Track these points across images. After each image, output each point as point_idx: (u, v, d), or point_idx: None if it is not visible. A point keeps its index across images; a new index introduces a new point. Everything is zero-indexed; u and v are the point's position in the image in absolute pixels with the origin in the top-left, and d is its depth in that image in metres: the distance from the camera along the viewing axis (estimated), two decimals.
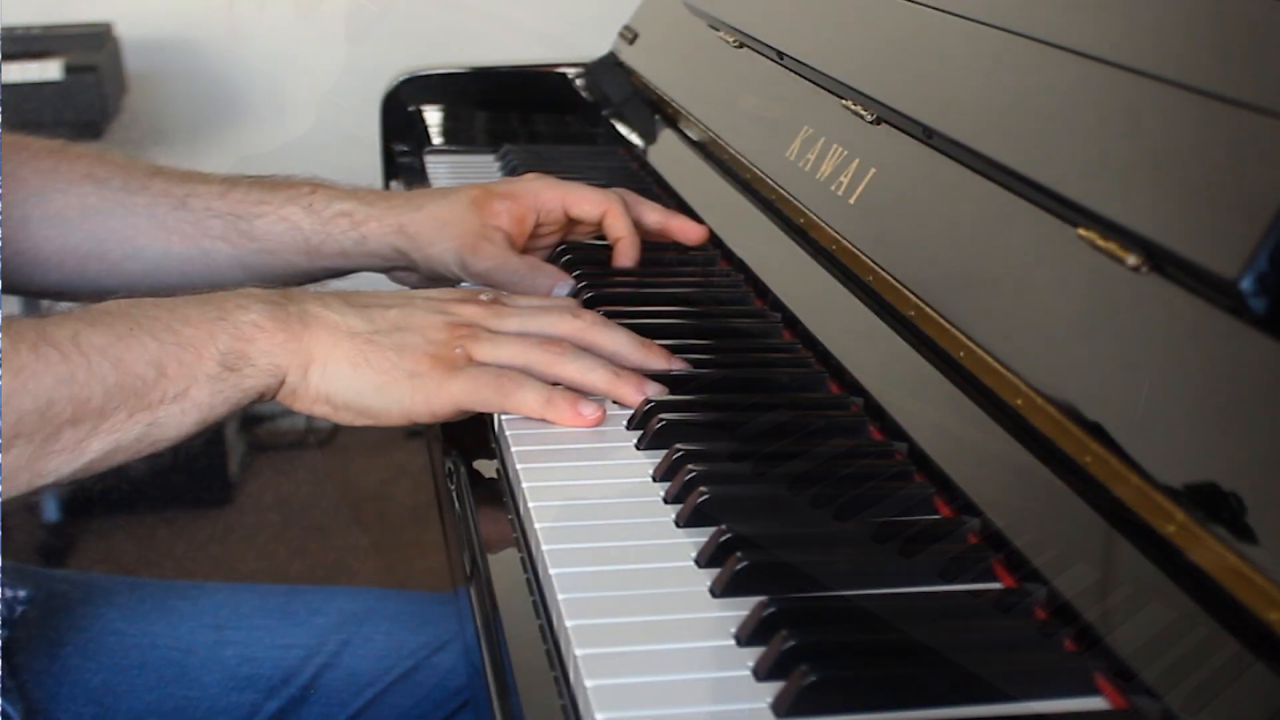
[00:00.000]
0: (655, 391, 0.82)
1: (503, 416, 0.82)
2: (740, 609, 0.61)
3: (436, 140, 1.54)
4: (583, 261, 1.06)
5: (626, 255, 1.04)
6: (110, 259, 1.03)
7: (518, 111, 1.57)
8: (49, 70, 2.27)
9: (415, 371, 0.79)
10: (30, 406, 0.72)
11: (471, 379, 0.79)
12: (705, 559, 0.66)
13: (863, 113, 0.95)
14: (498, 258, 0.99)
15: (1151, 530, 0.57)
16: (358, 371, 0.79)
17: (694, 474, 0.72)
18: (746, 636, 0.59)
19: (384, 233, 1.02)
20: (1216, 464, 0.56)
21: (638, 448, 0.78)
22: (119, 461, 0.77)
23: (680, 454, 0.74)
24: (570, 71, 1.57)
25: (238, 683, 1.00)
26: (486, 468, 0.81)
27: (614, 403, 0.83)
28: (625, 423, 0.81)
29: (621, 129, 1.48)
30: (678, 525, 0.70)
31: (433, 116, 1.54)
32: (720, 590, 0.63)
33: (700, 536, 0.68)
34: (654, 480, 0.75)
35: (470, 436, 0.85)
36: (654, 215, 1.06)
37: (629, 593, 0.64)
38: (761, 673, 0.57)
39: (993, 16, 0.85)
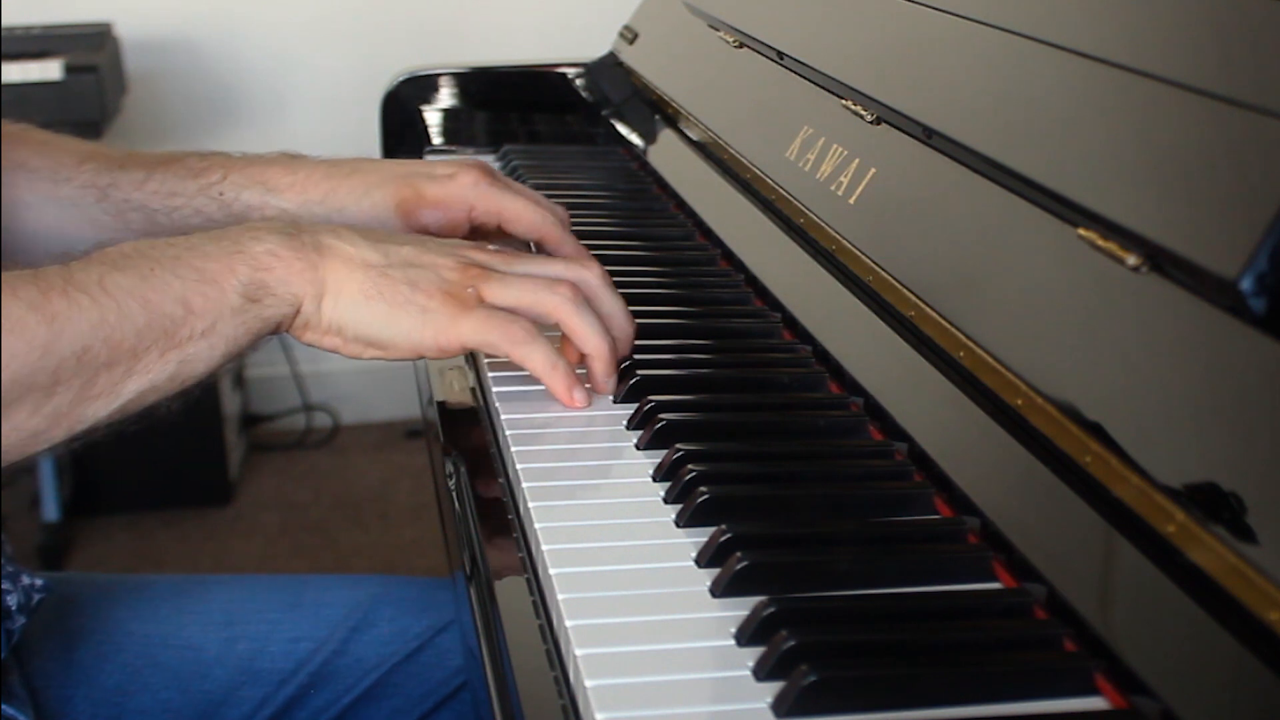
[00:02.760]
0: (611, 389, 0.83)
1: (503, 417, 0.82)
2: (740, 609, 0.61)
3: (436, 140, 1.54)
4: None
5: None
6: (45, 253, 1.00)
7: (518, 111, 1.57)
8: (49, 70, 2.27)
9: (427, 306, 0.80)
10: (68, 352, 0.72)
11: (482, 320, 0.80)
12: (705, 559, 0.66)
13: (863, 113, 0.95)
14: None
15: (1151, 530, 0.57)
16: (370, 303, 0.80)
17: (694, 474, 0.72)
18: (746, 636, 0.59)
19: None
20: (1216, 464, 0.56)
21: (638, 448, 0.78)
22: (152, 401, 0.78)
23: (680, 454, 0.74)
24: (570, 71, 1.57)
25: (249, 677, 1.01)
26: (486, 468, 0.81)
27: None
28: (625, 423, 0.81)
29: (621, 129, 1.48)
30: (678, 525, 0.70)
31: (433, 116, 1.54)
32: (720, 590, 0.63)
33: (700, 536, 0.68)
34: (654, 480, 0.75)
35: (470, 436, 0.85)
36: (569, 250, 0.96)
37: (629, 593, 0.64)
38: (761, 673, 0.57)
39: (993, 16, 0.85)
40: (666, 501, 0.72)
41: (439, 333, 0.80)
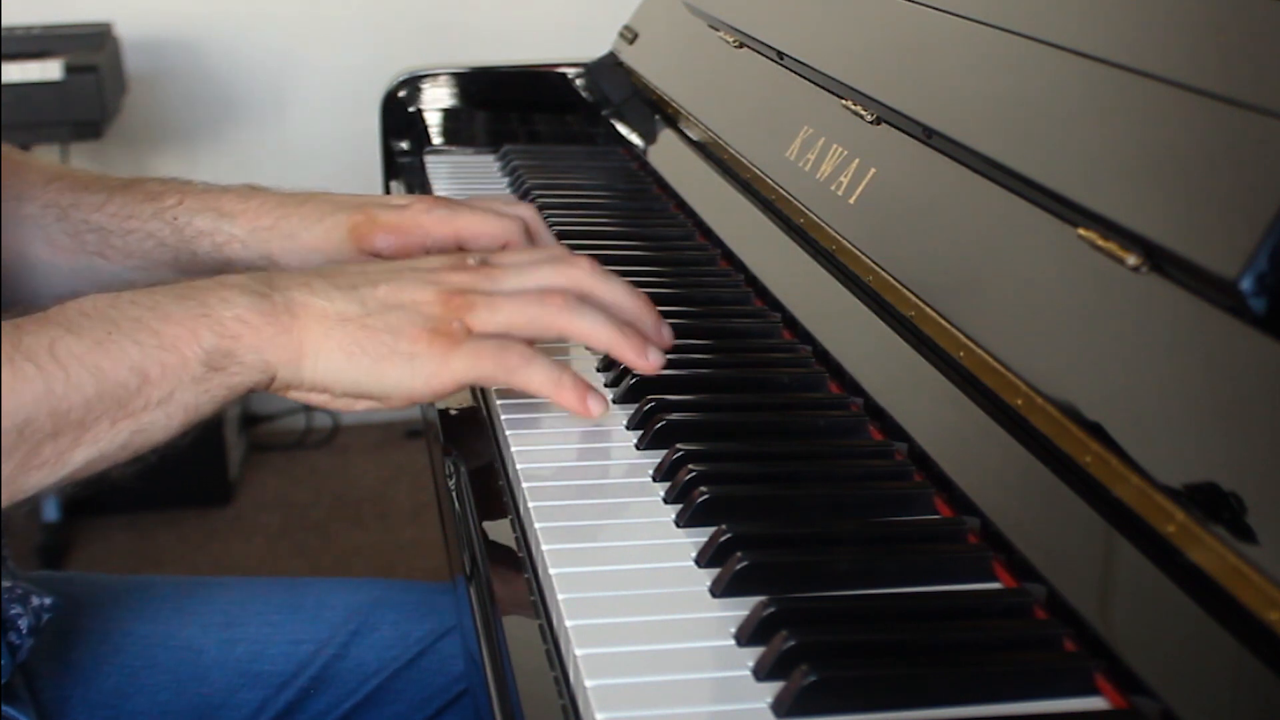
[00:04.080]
0: (659, 363, 0.79)
1: (503, 417, 0.82)
2: (740, 609, 0.61)
3: (436, 140, 1.54)
4: None
5: None
6: (9, 272, 0.98)
7: (518, 111, 1.57)
8: (49, 70, 2.27)
9: (413, 352, 0.75)
10: (9, 425, 0.69)
11: (473, 353, 0.76)
12: (705, 559, 0.66)
13: (863, 113, 0.95)
14: None
15: (1151, 530, 0.57)
16: (353, 360, 0.76)
17: (694, 474, 0.72)
18: (746, 636, 0.59)
19: (249, 257, 0.95)
20: (1216, 464, 0.56)
21: (638, 448, 0.78)
22: (103, 468, 0.75)
23: (680, 454, 0.74)
24: (570, 71, 1.57)
25: (248, 679, 1.00)
26: (486, 468, 0.81)
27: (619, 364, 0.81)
28: (625, 422, 0.81)
29: (621, 129, 1.48)
30: (678, 525, 0.70)
31: (433, 116, 1.54)
32: (720, 590, 0.63)
33: (700, 536, 0.68)
34: (654, 480, 0.75)
35: (470, 436, 0.85)
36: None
37: (629, 593, 0.64)
38: (761, 673, 0.57)
39: (993, 16, 0.85)
40: (666, 501, 0.72)
41: (431, 377, 0.75)
